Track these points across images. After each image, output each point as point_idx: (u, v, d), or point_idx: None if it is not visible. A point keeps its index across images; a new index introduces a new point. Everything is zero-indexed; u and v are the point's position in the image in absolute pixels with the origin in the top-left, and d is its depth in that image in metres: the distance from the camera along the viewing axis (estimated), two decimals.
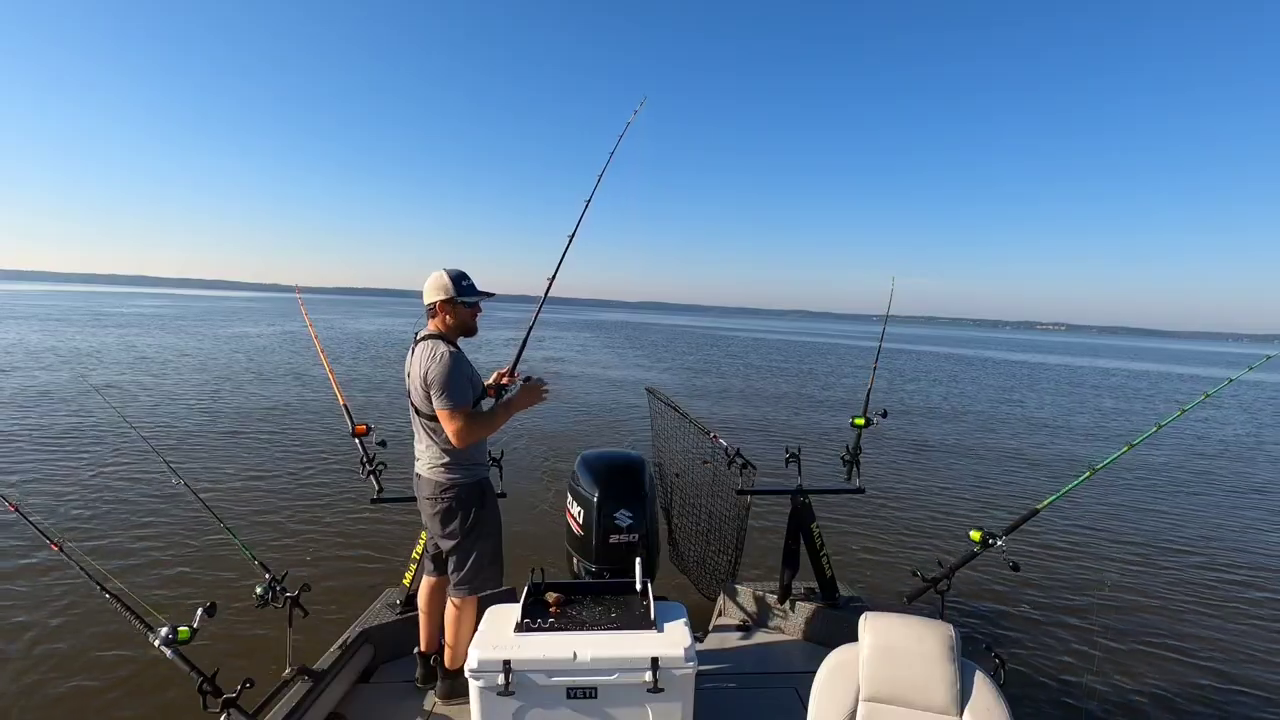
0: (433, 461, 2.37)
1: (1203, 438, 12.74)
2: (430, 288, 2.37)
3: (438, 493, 2.37)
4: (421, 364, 2.28)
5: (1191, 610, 4.71)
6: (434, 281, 2.37)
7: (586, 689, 1.90)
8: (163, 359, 16.97)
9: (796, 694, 2.66)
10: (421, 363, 2.28)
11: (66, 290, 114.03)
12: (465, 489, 2.39)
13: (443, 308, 2.37)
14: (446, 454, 2.35)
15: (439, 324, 2.39)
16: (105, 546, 4.89)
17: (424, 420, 2.35)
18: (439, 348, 2.28)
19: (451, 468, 2.36)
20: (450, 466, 2.36)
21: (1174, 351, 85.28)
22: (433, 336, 2.35)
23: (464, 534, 2.39)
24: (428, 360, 2.26)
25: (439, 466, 2.36)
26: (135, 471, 6.75)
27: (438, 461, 2.36)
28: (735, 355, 30.72)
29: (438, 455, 2.36)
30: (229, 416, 9.97)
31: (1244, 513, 7.47)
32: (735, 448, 3.15)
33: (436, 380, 2.22)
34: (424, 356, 2.29)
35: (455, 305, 2.37)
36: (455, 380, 2.24)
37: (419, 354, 2.32)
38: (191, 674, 1.96)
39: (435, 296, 2.36)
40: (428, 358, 2.26)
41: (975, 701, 1.53)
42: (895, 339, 71.48)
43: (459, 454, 2.36)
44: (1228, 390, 13.54)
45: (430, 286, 2.37)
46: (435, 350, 2.27)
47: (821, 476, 4.14)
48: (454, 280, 2.36)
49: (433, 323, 2.40)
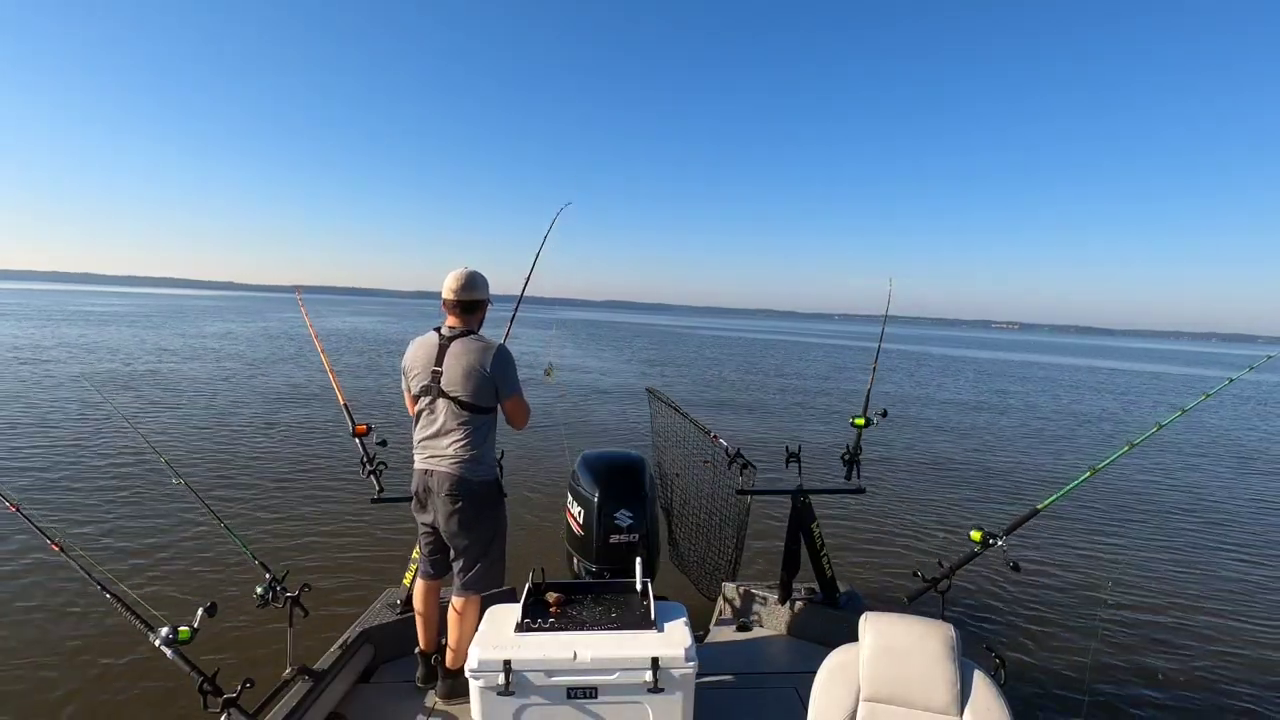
0: (459, 456, 2.36)
1: (1203, 437, 12.75)
2: (478, 286, 2.45)
3: (459, 489, 2.36)
4: (482, 356, 2.33)
5: (1193, 610, 4.71)
6: (480, 281, 2.46)
7: (587, 689, 1.90)
8: (160, 358, 16.98)
9: (796, 694, 2.66)
10: (482, 355, 2.33)
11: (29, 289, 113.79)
12: (486, 487, 2.42)
13: (486, 304, 2.51)
14: (475, 449, 2.37)
15: (476, 321, 2.48)
16: (105, 546, 4.89)
17: (467, 413, 2.35)
18: (490, 342, 2.39)
19: (478, 464, 2.38)
20: (477, 463, 2.38)
21: (1155, 352, 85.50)
22: (470, 332, 2.42)
23: (480, 534, 2.41)
24: (486, 354, 2.33)
25: (465, 461, 2.36)
26: (135, 471, 6.75)
27: (466, 455, 2.36)
28: (699, 351, 30.85)
29: (467, 449, 2.36)
30: (229, 415, 9.97)
31: (1245, 512, 7.47)
32: (735, 448, 3.15)
33: (506, 372, 2.36)
34: (482, 349, 2.34)
35: (489, 302, 2.54)
36: (516, 370, 2.42)
37: (471, 346, 2.35)
38: (192, 674, 1.96)
39: (487, 290, 2.48)
40: (488, 350, 2.34)
41: (975, 701, 1.53)
42: (859, 337, 72.01)
43: (484, 452, 2.40)
44: (1227, 390, 13.58)
45: (478, 285, 2.45)
46: (489, 345, 2.37)
47: (821, 476, 4.15)
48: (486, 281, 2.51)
49: (470, 320, 2.46)
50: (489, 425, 2.42)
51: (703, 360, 25.37)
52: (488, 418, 2.40)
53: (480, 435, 2.37)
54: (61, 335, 22.12)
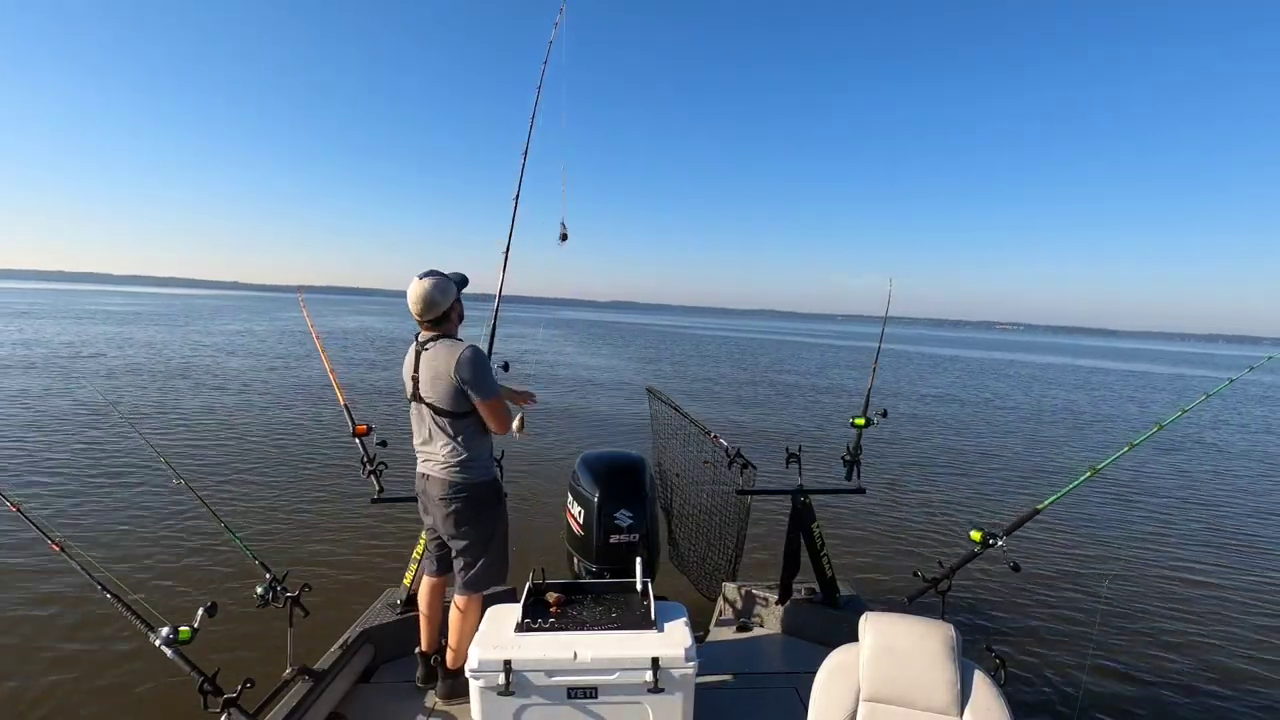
0: (448, 461, 2.36)
1: (1204, 437, 12.74)
2: (440, 296, 2.32)
3: (453, 493, 2.36)
4: (448, 362, 2.27)
5: (1193, 610, 4.71)
6: (439, 288, 2.32)
7: (587, 689, 1.90)
8: (158, 357, 16.97)
9: (797, 694, 2.66)
10: (448, 361, 2.28)
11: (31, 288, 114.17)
12: (482, 488, 2.40)
13: (455, 307, 2.41)
14: (465, 453, 2.35)
15: (452, 325, 2.42)
16: (106, 546, 4.89)
17: (444, 419, 2.33)
18: (461, 345, 2.32)
19: (468, 467, 2.36)
20: (467, 465, 2.36)
21: (1153, 353, 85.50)
22: (446, 336, 2.37)
23: (478, 533, 2.41)
24: (456, 358, 2.26)
25: (455, 466, 2.35)
26: (136, 471, 6.75)
27: (454, 460, 2.35)
28: (707, 353, 30.84)
29: (455, 454, 2.35)
30: (229, 415, 9.97)
31: (1247, 512, 7.47)
32: (735, 448, 3.15)
33: (477, 376, 2.28)
34: (448, 354, 2.28)
35: (459, 300, 2.44)
36: (490, 372, 2.35)
37: (439, 353, 2.31)
38: (192, 674, 1.96)
39: (450, 299, 2.36)
40: (453, 355, 2.27)
41: (975, 701, 1.53)
42: (862, 338, 71.98)
43: (475, 453, 2.37)
44: (1227, 391, 13.60)
45: (439, 295, 2.32)
46: (460, 347, 2.30)
47: (821, 477, 4.15)
48: (457, 283, 2.41)
49: (444, 326, 2.38)
50: (474, 427, 2.37)
51: (700, 358, 25.36)
52: (469, 420, 2.35)
53: (468, 438, 2.35)
54: (92, 334, 22.13)
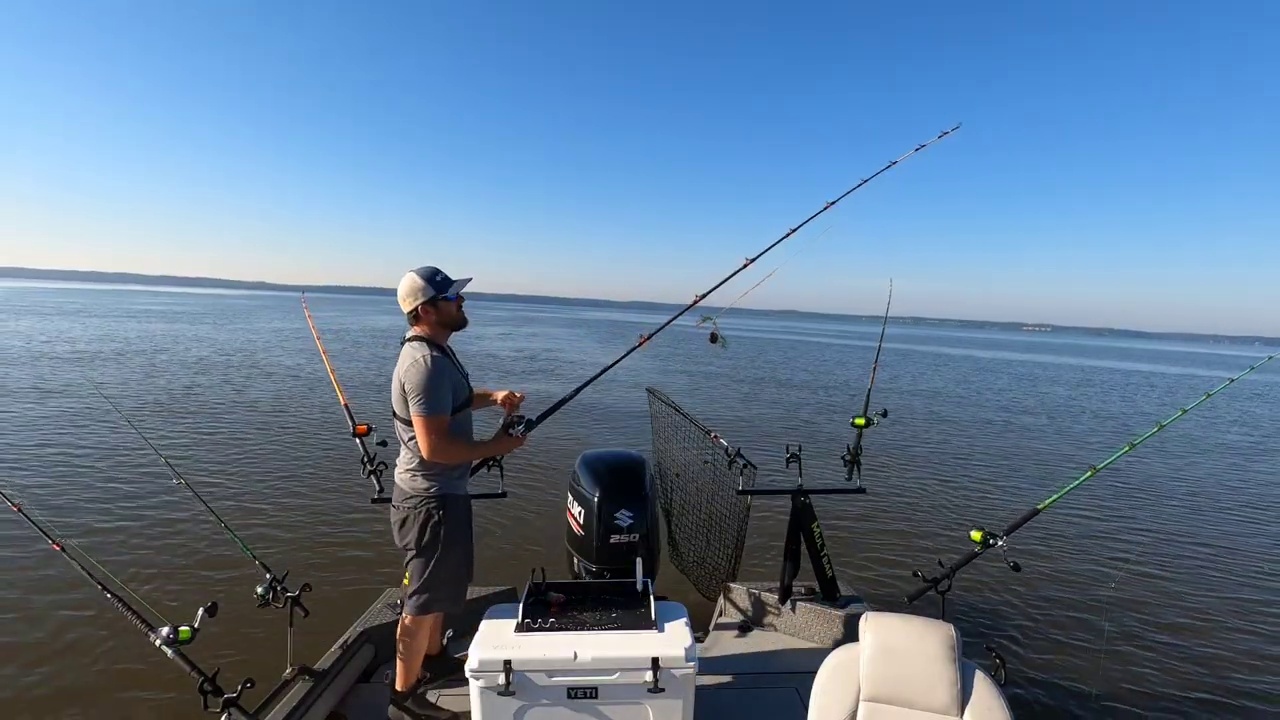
0: (402, 467, 2.33)
1: (1205, 437, 12.73)
2: (405, 294, 2.26)
3: (401, 500, 2.32)
4: (401, 366, 2.22)
5: (1195, 610, 4.71)
6: (407, 287, 2.26)
7: (587, 689, 1.90)
8: (159, 356, 16.97)
9: (797, 694, 2.66)
10: (401, 365, 2.22)
11: (42, 287, 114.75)
12: (430, 501, 2.28)
13: (425, 310, 2.26)
14: (417, 461, 2.27)
15: (424, 327, 2.29)
16: (106, 546, 4.89)
17: (400, 424, 2.29)
18: (420, 351, 2.19)
19: (420, 475, 2.28)
20: (419, 474, 2.28)
21: (1170, 354, 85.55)
22: (418, 339, 2.26)
23: (419, 547, 2.28)
24: (408, 365, 2.17)
25: (407, 473, 2.31)
26: (136, 470, 6.75)
27: (407, 467, 2.31)
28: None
29: (409, 461, 2.31)
30: (229, 415, 9.97)
31: (1248, 512, 7.47)
32: (736, 448, 3.15)
33: (415, 386, 2.13)
34: (404, 358, 2.22)
35: (438, 303, 2.27)
36: (434, 387, 2.14)
37: (401, 356, 2.26)
38: (192, 674, 1.96)
39: (414, 301, 2.25)
40: (409, 363, 2.18)
41: (976, 702, 1.53)
42: (891, 338, 71.78)
43: (430, 463, 2.25)
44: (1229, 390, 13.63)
45: (405, 293, 2.26)
46: (416, 355, 2.18)
47: (822, 476, 4.15)
48: (428, 279, 2.25)
49: (417, 327, 2.30)
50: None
51: (706, 356, 25.39)
52: None
53: (417, 446, 2.25)
54: (66, 334, 22.14)
